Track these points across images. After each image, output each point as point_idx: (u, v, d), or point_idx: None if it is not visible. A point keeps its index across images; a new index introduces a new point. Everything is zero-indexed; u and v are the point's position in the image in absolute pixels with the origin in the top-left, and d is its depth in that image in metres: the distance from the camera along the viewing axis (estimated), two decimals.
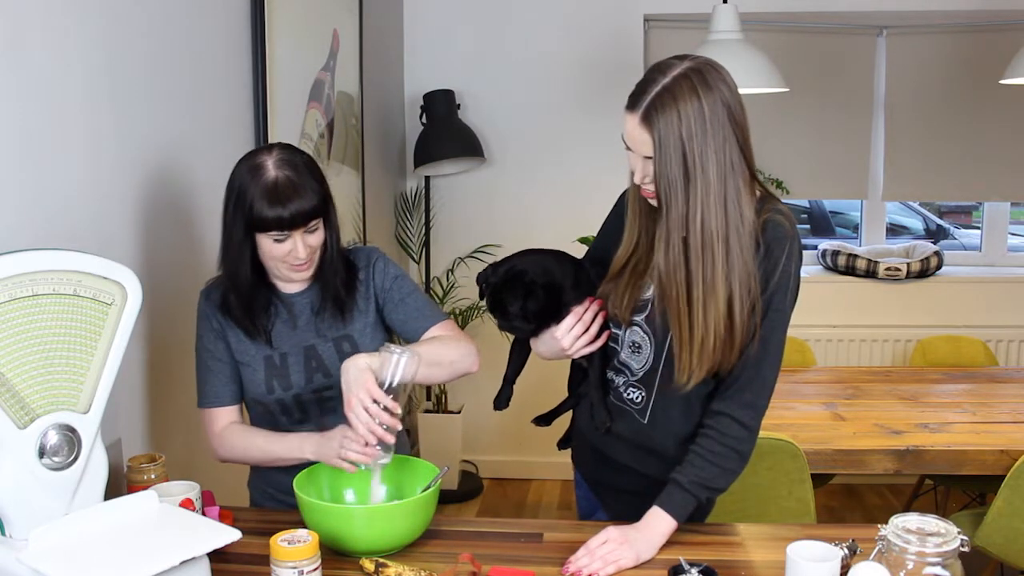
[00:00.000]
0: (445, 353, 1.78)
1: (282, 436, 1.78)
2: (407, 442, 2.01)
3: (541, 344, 1.78)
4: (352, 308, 1.82)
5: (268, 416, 1.82)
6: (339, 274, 1.79)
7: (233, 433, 1.80)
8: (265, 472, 1.88)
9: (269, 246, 1.69)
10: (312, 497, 1.59)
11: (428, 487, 1.63)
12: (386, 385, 1.60)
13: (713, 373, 1.60)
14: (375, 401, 1.58)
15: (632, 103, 1.54)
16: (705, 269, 1.53)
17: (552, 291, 1.72)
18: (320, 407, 1.81)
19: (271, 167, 1.67)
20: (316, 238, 1.72)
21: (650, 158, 1.53)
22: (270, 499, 1.88)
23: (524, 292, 1.71)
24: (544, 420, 1.95)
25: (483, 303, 1.78)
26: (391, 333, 1.90)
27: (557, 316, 1.73)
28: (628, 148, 1.58)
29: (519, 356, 1.89)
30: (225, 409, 1.81)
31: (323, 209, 1.71)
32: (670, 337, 1.62)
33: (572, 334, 1.71)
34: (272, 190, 1.65)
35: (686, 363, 1.58)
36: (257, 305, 1.78)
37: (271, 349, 1.79)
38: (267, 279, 1.79)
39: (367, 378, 1.59)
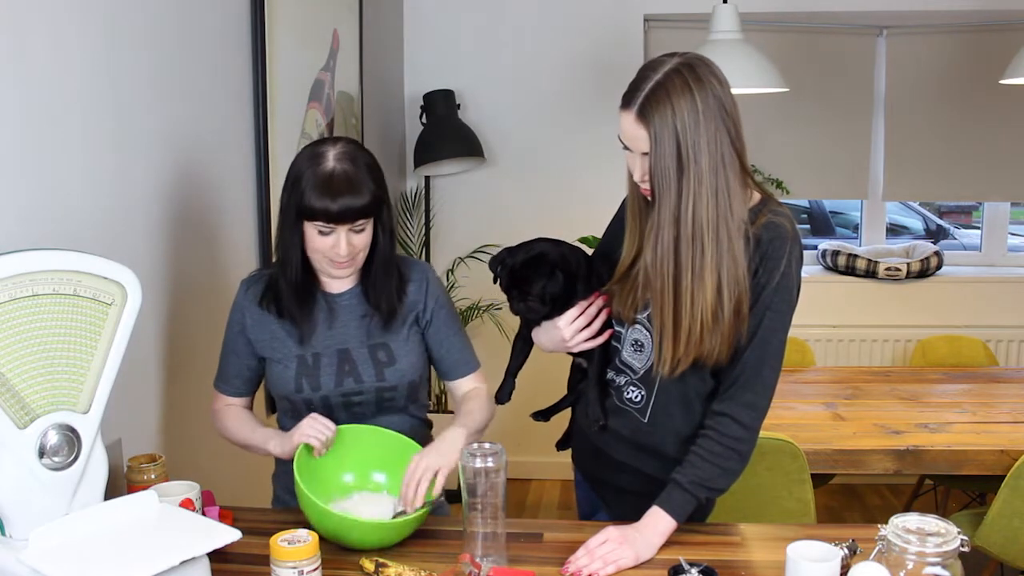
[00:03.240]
0: (486, 421, 1.83)
1: (259, 428, 1.83)
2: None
3: (542, 334, 1.79)
4: (398, 317, 1.81)
5: (295, 413, 1.81)
6: (392, 279, 1.79)
7: (226, 414, 1.86)
8: (286, 467, 1.88)
9: (313, 237, 1.70)
10: (311, 478, 1.61)
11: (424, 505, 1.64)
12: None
13: (701, 364, 1.60)
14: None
15: (626, 101, 1.56)
16: (695, 258, 1.54)
17: (569, 278, 1.74)
18: (347, 411, 1.80)
19: (331, 158, 1.68)
20: (362, 239, 1.72)
21: (647, 154, 1.54)
22: (290, 493, 1.88)
23: (546, 274, 1.73)
24: (543, 415, 1.96)
25: (487, 292, 1.79)
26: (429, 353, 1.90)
27: (567, 305, 1.74)
28: (625, 147, 1.59)
29: (521, 351, 1.90)
30: (227, 398, 1.88)
31: (373, 211, 1.70)
32: None
33: (574, 326, 1.72)
34: (326, 181, 1.65)
35: (669, 352, 1.59)
36: (306, 294, 1.78)
37: (303, 348, 1.79)
38: (314, 274, 1.79)
39: (453, 460, 1.64)
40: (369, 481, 1.75)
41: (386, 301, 1.79)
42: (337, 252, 1.69)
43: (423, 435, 1.91)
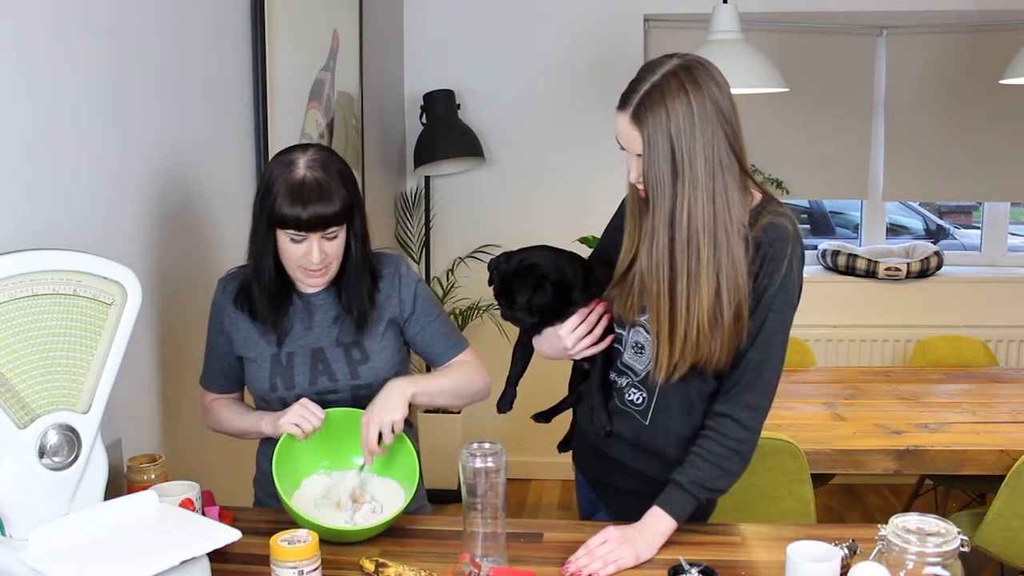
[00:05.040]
0: (460, 386, 1.85)
1: (249, 412, 1.86)
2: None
3: (544, 342, 1.78)
4: (370, 318, 1.82)
5: (271, 412, 1.82)
6: (365, 284, 1.79)
7: (216, 407, 1.90)
8: (266, 469, 1.89)
9: (286, 245, 1.70)
10: (292, 461, 1.69)
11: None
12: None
13: (700, 368, 1.60)
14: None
15: (623, 102, 1.56)
16: (690, 263, 1.53)
17: (561, 289, 1.73)
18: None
19: (301, 166, 1.67)
20: (334, 246, 1.71)
21: (642, 155, 1.53)
22: (271, 496, 1.88)
23: (534, 285, 1.72)
24: (544, 417, 1.95)
25: (489, 291, 1.79)
26: (407, 346, 1.90)
27: (561, 315, 1.73)
28: (622, 147, 1.59)
29: (522, 358, 1.89)
30: (212, 394, 1.91)
31: (345, 217, 1.70)
32: None
33: (576, 334, 1.72)
34: (296, 188, 1.65)
35: (665, 357, 1.59)
36: (279, 300, 1.79)
37: (278, 348, 1.80)
38: (289, 277, 1.79)
39: (401, 410, 1.68)
40: (350, 464, 1.77)
41: (358, 306, 1.79)
42: (310, 260, 1.69)
43: (405, 432, 1.92)
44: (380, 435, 1.69)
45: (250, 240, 1.76)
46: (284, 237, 1.69)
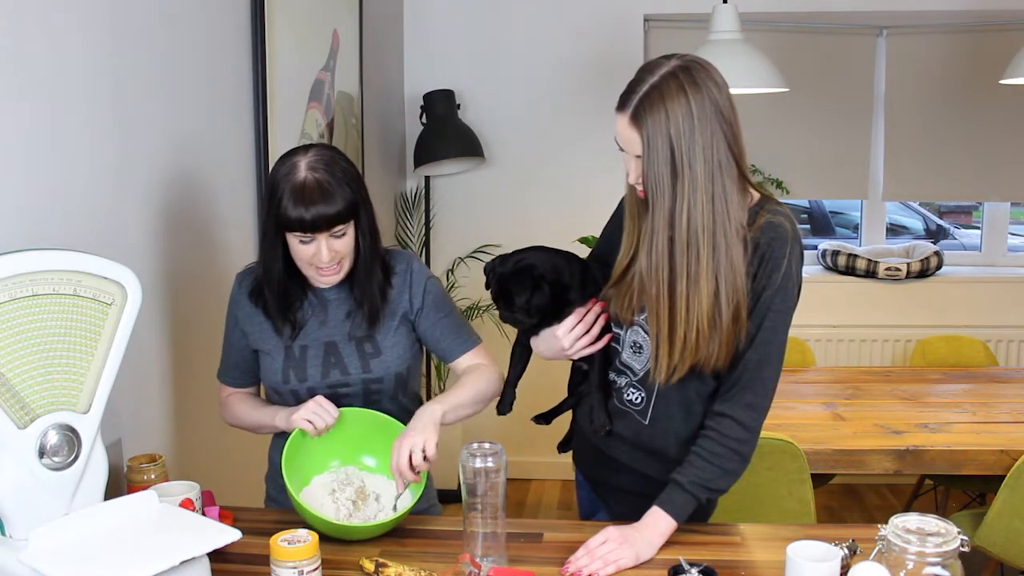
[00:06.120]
0: (480, 393, 1.84)
1: (264, 406, 1.87)
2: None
3: (541, 343, 1.78)
4: (383, 313, 1.82)
5: (284, 405, 1.83)
6: (375, 279, 1.80)
7: (231, 401, 1.92)
8: (278, 464, 1.89)
9: (296, 246, 1.71)
10: (303, 457, 1.69)
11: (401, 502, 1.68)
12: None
13: (700, 369, 1.60)
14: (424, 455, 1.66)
15: (622, 103, 1.55)
16: (690, 264, 1.53)
17: (558, 289, 1.73)
18: (335, 403, 1.80)
19: (303, 168, 1.68)
20: (343, 243, 1.72)
21: (641, 157, 1.53)
22: (282, 491, 1.88)
23: (531, 286, 1.72)
24: (544, 418, 1.95)
25: (488, 292, 1.79)
26: (420, 342, 1.91)
27: (559, 315, 1.73)
28: (621, 148, 1.59)
29: (521, 360, 1.89)
30: (228, 388, 1.93)
31: (350, 215, 1.70)
32: None
33: (573, 334, 1.72)
34: (299, 191, 1.66)
35: (664, 359, 1.59)
36: (291, 300, 1.80)
37: (292, 341, 1.81)
38: (302, 275, 1.80)
39: (432, 432, 1.67)
40: (360, 464, 1.78)
41: (369, 301, 1.80)
42: (320, 259, 1.70)
43: None
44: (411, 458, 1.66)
45: (259, 244, 1.78)
46: (293, 239, 1.70)
